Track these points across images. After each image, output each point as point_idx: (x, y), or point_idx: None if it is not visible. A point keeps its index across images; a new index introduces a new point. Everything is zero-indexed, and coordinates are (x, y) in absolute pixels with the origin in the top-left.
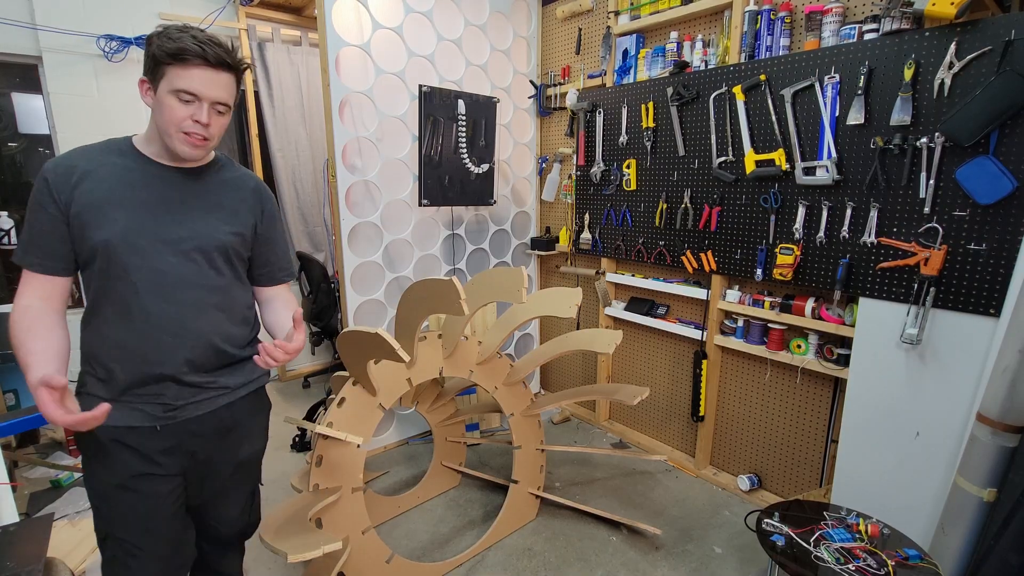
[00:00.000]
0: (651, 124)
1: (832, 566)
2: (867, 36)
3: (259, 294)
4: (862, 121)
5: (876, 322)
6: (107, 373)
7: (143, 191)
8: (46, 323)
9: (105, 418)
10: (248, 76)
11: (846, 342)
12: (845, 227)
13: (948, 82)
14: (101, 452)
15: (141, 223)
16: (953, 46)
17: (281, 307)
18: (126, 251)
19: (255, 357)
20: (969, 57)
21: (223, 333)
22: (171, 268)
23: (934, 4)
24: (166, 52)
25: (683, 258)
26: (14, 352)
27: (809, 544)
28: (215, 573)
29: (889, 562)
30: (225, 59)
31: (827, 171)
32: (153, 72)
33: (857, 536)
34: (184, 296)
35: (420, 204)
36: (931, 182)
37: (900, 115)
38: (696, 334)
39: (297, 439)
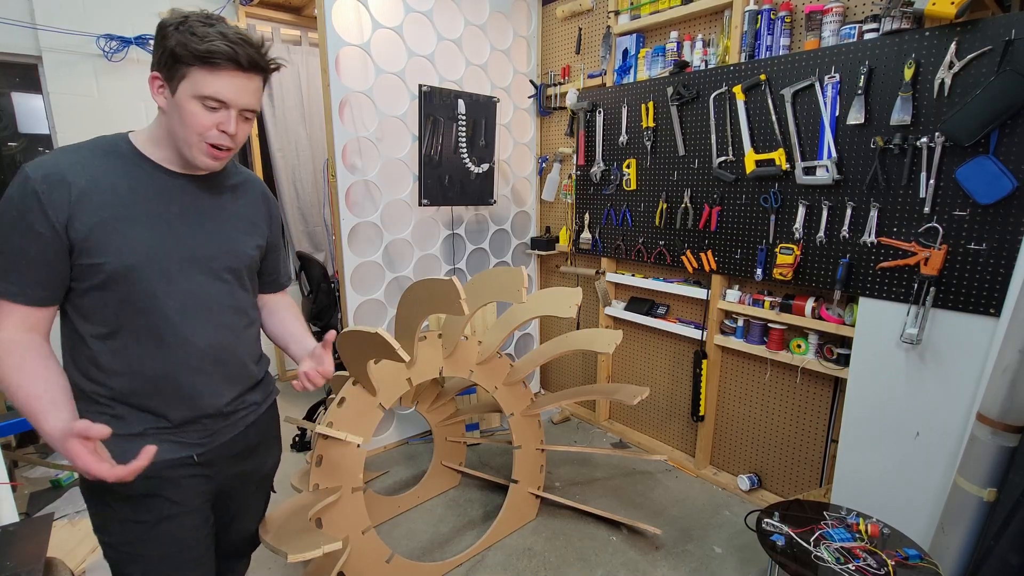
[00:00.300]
0: (651, 124)
1: (832, 566)
2: (867, 36)
3: (262, 301)
4: (862, 121)
5: (876, 322)
6: (128, 410)
7: (157, 203)
8: (38, 358)
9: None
10: None
11: (846, 342)
12: (845, 227)
13: (948, 82)
14: (138, 494)
15: (164, 242)
16: (953, 46)
17: (288, 316)
18: (153, 275)
19: (294, 383)
20: (969, 57)
21: (251, 352)
22: (203, 289)
23: (934, 4)
24: (192, 53)
25: (683, 258)
26: (6, 394)
27: (809, 544)
28: None
29: (889, 562)
30: (259, 62)
31: (827, 171)
32: (171, 69)
33: (857, 536)
34: (219, 318)
35: (420, 204)
36: (931, 182)
37: (900, 115)
38: (696, 334)
39: (297, 439)
